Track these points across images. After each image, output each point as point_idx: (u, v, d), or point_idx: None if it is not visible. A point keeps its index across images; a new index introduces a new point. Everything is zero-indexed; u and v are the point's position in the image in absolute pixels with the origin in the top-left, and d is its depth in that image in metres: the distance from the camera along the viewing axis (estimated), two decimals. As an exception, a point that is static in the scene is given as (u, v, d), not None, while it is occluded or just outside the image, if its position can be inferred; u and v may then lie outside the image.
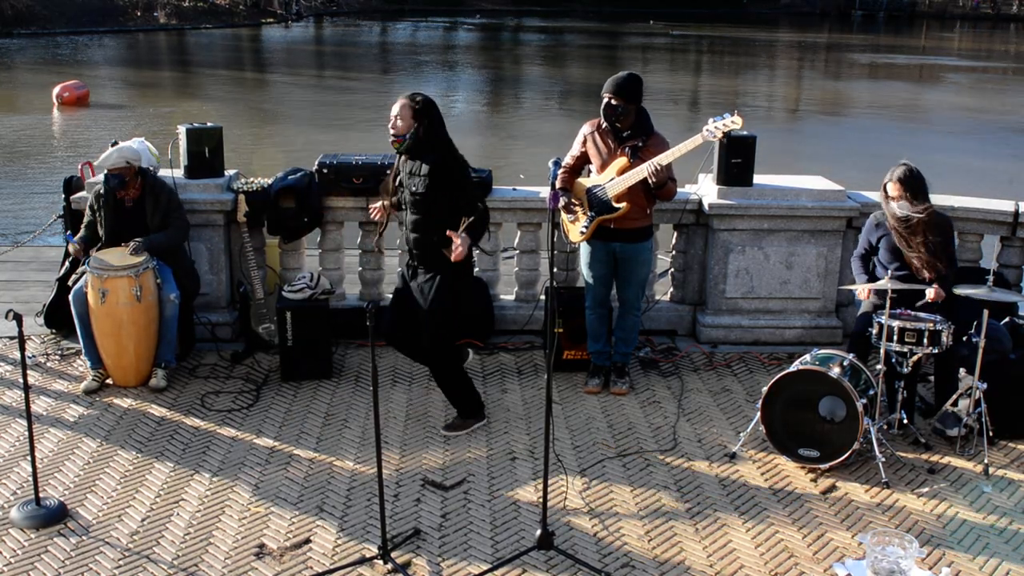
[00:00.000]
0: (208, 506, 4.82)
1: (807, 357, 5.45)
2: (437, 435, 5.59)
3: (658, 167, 5.59)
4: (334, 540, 4.54)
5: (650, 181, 5.64)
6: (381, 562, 4.32)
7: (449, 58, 39.27)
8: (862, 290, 5.76)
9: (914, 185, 5.57)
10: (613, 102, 5.72)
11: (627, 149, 5.78)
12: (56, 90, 23.66)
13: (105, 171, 6.08)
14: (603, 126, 5.87)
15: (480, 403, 5.72)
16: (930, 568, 4.37)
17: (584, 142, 5.95)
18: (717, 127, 5.56)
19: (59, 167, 16.62)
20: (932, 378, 5.96)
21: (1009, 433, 5.59)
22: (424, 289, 5.36)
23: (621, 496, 4.98)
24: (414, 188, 5.27)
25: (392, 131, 5.23)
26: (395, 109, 5.21)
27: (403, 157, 5.36)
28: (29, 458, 4.76)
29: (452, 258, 5.13)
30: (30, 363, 6.34)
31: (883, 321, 5.35)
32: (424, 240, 5.33)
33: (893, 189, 5.61)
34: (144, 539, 4.53)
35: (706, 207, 6.85)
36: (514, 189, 7.24)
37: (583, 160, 6.02)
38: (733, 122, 5.51)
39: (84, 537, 4.53)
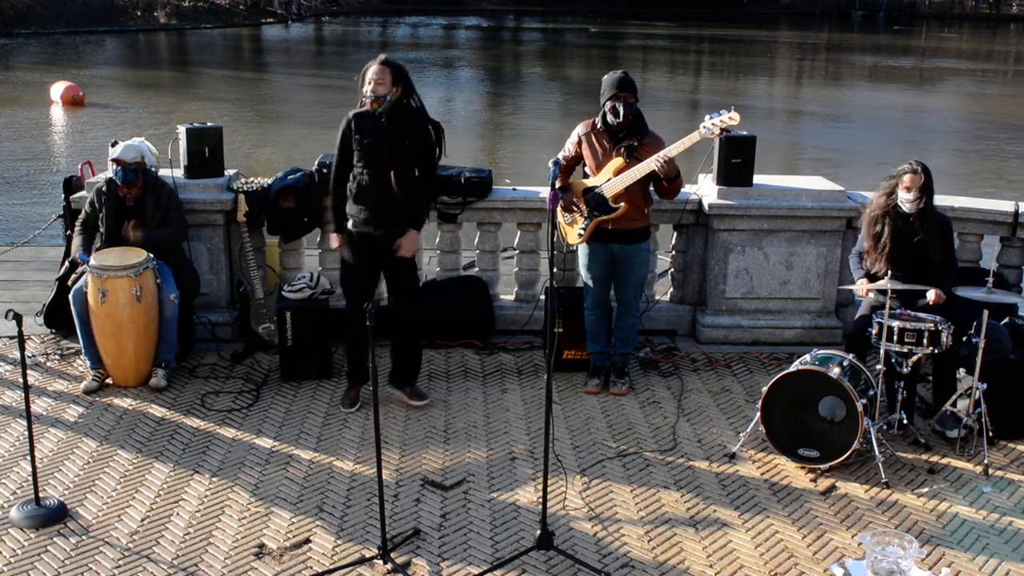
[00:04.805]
0: (208, 506, 4.82)
1: (807, 357, 5.45)
2: (437, 435, 5.59)
3: (667, 158, 5.59)
4: (334, 540, 4.54)
5: (660, 173, 5.64)
6: (381, 562, 4.32)
7: (449, 57, 39.23)
8: (861, 288, 5.76)
9: (928, 180, 5.60)
10: (630, 99, 5.72)
11: (623, 149, 5.78)
12: (62, 90, 23.57)
13: (119, 166, 6.09)
14: (599, 127, 5.86)
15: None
16: (930, 568, 4.37)
17: (579, 143, 5.94)
18: (714, 123, 5.56)
19: (59, 167, 16.62)
20: (932, 378, 5.96)
21: (1009, 433, 5.59)
22: (403, 264, 5.74)
23: (621, 496, 4.98)
24: (404, 148, 5.49)
25: (372, 93, 5.42)
26: (372, 74, 5.42)
27: (374, 118, 5.53)
28: (29, 458, 4.76)
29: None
30: (30, 363, 6.34)
31: (883, 321, 5.35)
32: (402, 198, 5.55)
33: (909, 180, 5.62)
34: (144, 539, 4.53)
35: (706, 207, 6.85)
36: (514, 189, 7.25)
37: (576, 160, 6.00)
38: (730, 118, 5.51)
39: (84, 537, 4.53)
